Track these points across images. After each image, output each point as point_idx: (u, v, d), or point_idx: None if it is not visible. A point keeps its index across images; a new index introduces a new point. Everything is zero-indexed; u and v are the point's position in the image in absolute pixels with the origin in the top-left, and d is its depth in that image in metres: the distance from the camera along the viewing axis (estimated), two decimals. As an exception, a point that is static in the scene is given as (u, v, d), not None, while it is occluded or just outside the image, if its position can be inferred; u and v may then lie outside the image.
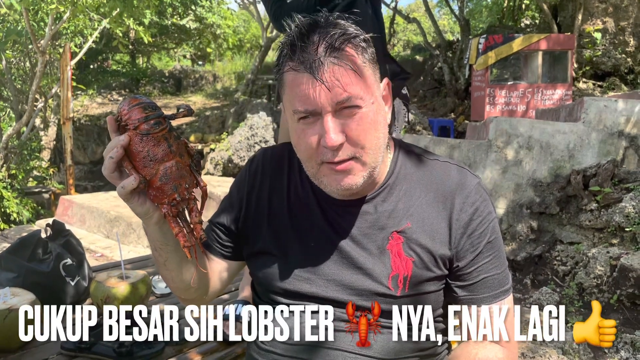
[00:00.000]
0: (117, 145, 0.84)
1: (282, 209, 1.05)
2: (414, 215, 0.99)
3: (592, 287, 3.78)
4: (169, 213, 0.88)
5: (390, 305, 0.97)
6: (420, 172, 1.03)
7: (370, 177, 0.96)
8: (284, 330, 1.01)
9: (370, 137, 0.91)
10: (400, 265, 0.97)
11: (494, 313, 0.99)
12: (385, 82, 0.97)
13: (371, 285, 0.97)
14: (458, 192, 1.00)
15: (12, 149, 8.30)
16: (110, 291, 1.90)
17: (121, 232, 5.41)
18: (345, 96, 0.88)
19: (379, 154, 0.94)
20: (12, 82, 9.18)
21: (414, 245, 0.98)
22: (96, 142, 13.47)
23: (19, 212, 7.02)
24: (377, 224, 0.99)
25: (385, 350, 0.97)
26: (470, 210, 0.99)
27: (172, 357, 1.69)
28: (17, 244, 2.00)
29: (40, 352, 1.70)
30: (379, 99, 0.94)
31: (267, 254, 1.05)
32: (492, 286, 0.99)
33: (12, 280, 1.88)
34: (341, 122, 0.90)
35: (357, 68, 0.89)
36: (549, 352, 2.66)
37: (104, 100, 15.02)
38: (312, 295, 1.00)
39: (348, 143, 0.90)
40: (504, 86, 8.86)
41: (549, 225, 4.44)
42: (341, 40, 0.88)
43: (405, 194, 1.01)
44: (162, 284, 2.32)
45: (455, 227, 0.98)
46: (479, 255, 0.99)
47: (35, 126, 9.77)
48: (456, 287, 1.00)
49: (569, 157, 4.48)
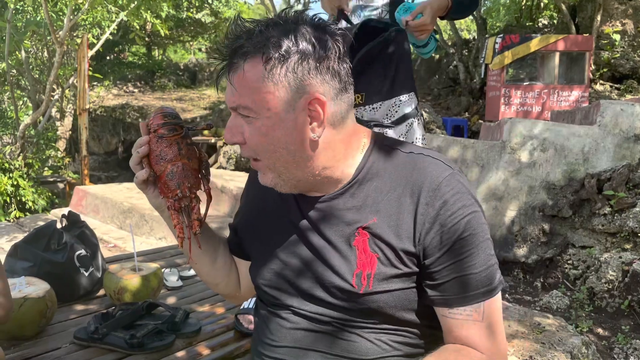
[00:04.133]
0: (142, 143, 1.03)
1: (269, 212, 1.09)
2: (381, 210, 0.95)
3: (603, 291, 3.75)
4: (172, 206, 1.02)
5: (356, 304, 0.95)
6: (392, 166, 0.98)
7: (287, 182, 0.97)
8: (271, 333, 1.04)
9: (263, 149, 0.93)
10: (365, 262, 0.94)
11: (470, 316, 0.93)
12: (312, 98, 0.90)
13: (338, 281, 0.96)
14: (425, 186, 0.93)
15: (28, 139, 8.41)
16: (123, 283, 1.93)
17: (134, 223, 5.46)
18: (234, 104, 0.92)
19: (282, 165, 0.94)
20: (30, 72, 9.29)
21: (378, 241, 0.94)
22: (111, 133, 13.58)
23: (35, 200, 7.11)
24: (344, 220, 0.97)
25: (363, 351, 0.96)
26: (438, 204, 0.92)
27: (182, 349, 1.72)
28: (33, 234, 2.04)
29: (53, 340, 1.73)
30: (284, 115, 0.90)
31: (254, 258, 1.12)
32: (466, 287, 0.92)
33: (28, 270, 1.92)
34: (243, 123, 0.93)
35: (246, 83, 0.89)
36: (557, 355, 2.65)
37: (120, 92, 15.14)
38: (292, 293, 1.02)
39: (247, 145, 0.94)
40: (519, 86, 8.78)
41: (561, 228, 4.41)
42: (243, 52, 0.89)
43: (375, 189, 0.97)
44: (173, 277, 2.35)
45: (421, 222, 0.92)
46: (448, 252, 0.92)
47: (51, 116, 9.88)
48: (426, 286, 0.95)
49: (583, 161, 4.44)
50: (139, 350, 1.67)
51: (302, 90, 0.89)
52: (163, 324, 1.77)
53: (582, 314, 3.65)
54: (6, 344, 1.61)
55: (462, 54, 11.54)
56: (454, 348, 0.95)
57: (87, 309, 1.98)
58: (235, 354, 1.73)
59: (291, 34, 0.89)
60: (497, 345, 0.94)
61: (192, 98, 14.87)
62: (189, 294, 2.21)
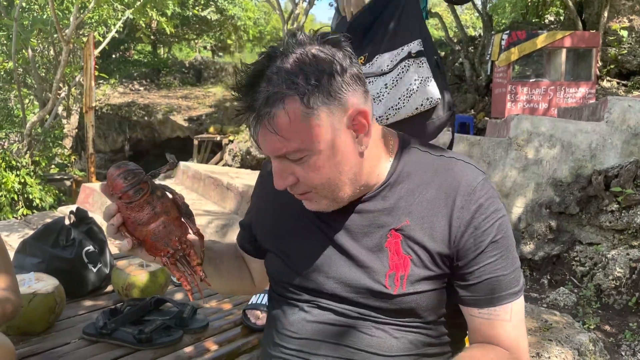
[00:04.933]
0: (112, 212, 0.94)
1: (286, 208, 1.07)
2: (414, 212, 0.96)
3: (610, 288, 3.74)
4: (167, 263, 0.97)
5: (387, 304, 0.96)
6: (423, 169, 0.99)
7: (337, 201, 0.95)
8: (291, 324, 1.03)
9: (320, 181, 0.91)
10: (398, 263, 0.95)
11: (499, 316, 0.95)
12: (356, 113, 0.89)
13: (368, 282, 0.96)
14: (461, 189, 0.95)
15: (35, 136, 8.45)
16: (131, 279, 1.94)
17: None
18: (281, 152, 0.88)
19: (340, 189, 0.93)
20: (36, 70, 9.33)
21: (412, 243, 0.95)
22: (117, 131, 13.63)
23: (42, 198, 7.15)
24: (376, 222, 0.97)
25: (386, 347, 0.97)
26: (473, 208, 0.94)
27: (190, 345, 1.72)
28: (41, 230, 2.05)
29: (62, 336, 1.74)
30: (335, 142, 0.89)
31: (272, 252, 1.09)
32: (497, 288, 0.95)
33: (37, 266, 1.93)
34: (290, 164, 0.90)
35: (291, 127, 0.85)
36: (564, 352, 2.64)
37: (126, 90, 15.18)
38: (316, 290, 1.01)
39: (300, 183, 0.92)
40: (526, 83, 8.74)
41: (569, 225, 4.40)
42: (275, 98, 0.84)
43: (406, 192, 0.98)
44: (180, 273, 2.35)
45: (456, 225, 0.94)
46: (482, 254, 0.94)
47: (58, 114, 9.92)
48: (458, 287, 0.97)
49: (590, 157, 4.42)
50: (147, 345, 1.68)
51: (342, 109, 0.88)
52: (171, 320, 1.78)
53: (589, 311, 3.64)
54: (16, 339, 1.61)
55: (467, 51, 11.50)
56: (484, 347, 0.96)
57: (95, 304, 2.00)
58: (243, 349, 1.73)
59: (308, 60, 0.86)
60: (522, 344, 0.97)
61: (197, 96, 14.90)
62: (196, 290, 2.22)
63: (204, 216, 5.42)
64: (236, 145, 10.07)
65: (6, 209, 6.88)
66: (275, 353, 1.05)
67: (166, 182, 7.63)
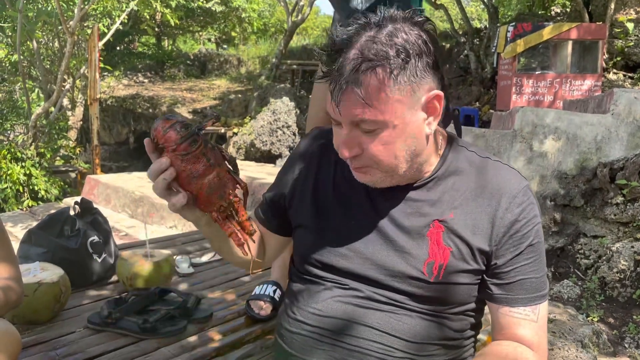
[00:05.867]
0: (164, 166, 0.89)
1: (328, 186, 1.08)
2: (458, 208, 1.00)
3: (614, 281, 3.73)
4: (219, 218, 0.95)
5: (422, 290, 0.99)
6: (470, 168, 1.03)
7: (393, 178, 0.97)
8: (316, 302, 1.04)
9: (387, 157, 0.93)
10: (437, 253, 0.98)
11: (528, 316, 1.00)
12: (433, 96, 0.92)
13: (406, 268, 0.99)
14: (505, 192, 1.00)
15: (40, 128, 8.47)
16: (135, 269, 1.95)
17: (145, 212, 5.50)
18: (358, 119, 0.90)
19: (399, 168, 0.95)
20: (41, 62, 9.34)
21: (453, 236, 0.99)
22: (121, 124, 13.64)
23: (47, 189, 7.17)
24: (420, 211, 1.01)
25: (411, 333, 0.99)
26: (517, 211, 0.99)
27: (194, 334, 1.73)
28: (46, 220, 2.06)
29: (67, 325, 1.76)
30: (409, 119, 0.91)
31: (307, 228, 1.09)
32: (529, 289, 1.00)
33: (42, 255, 1.94)
34: (359, 135, 0.92)
35: (376, 97, 0.88)
36: (567, 344, 2.64)
37: (130, 82, 15.18)
38: (347, 271, 1.03)
39: (364, 155, 0.93)
40: (531, 75, 8.69)
41: (573, 218, 4.39)
42: (367, 66, 0.87)
43: (452, 187, 1.01)
44: (184, 264, 2.37)
45: (499, 225, 0.98)
46: (519, 255, 0.99)
47: (62, 106, 9.94)
48: (492, 284, 1.01)
49: (596, 150, 4.40)
50: (151, 335, 1.69)
51: (422, 90, 0.91)
52: (175, 310, 1.79)
53: (593, 304, 3.64)
54: (21, 328, 1.63)
55: (473, 43, 11.43)
56: (511, 344, 0.99)
57: (100, 294, 2.01)
58: (247, 339, 1.74)
59: (400, 37, 0.88)
60: (544, 344, 1.01)
61: (202, 88, 14.88)
62: (200, 280, 2.23)
63: (208, 208, 5.43)
64: (240, 137, 10.05)
65: (11, 200, 6.91)
66: (296, 329, 1.06)
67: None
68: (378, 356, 0.99)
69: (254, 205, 5.61)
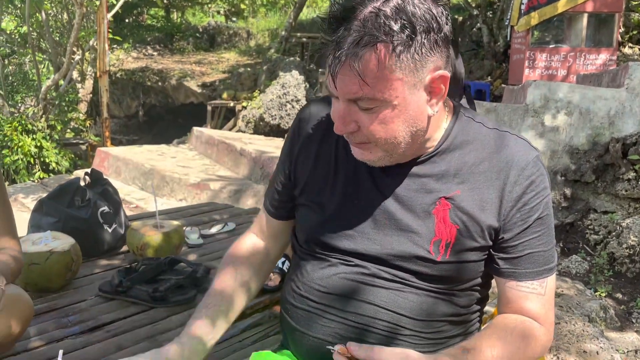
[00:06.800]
0: None
1: (329, 164, 1.04)
2: (465, 183, 0.96)
3: (623, 257, 3.72)
4: None
5: (429, 269, 0.97)
6: (476, 140, 0.99)
7: (392, 157, 0.94)
8: (320, 279, 1.02)
9: (385, 135, 0.89)
10: (444, 231, 0.95)
11: (535, 289, 0.98)
12: (438, 76, 0.88)
13: (412, 247, 0.96)
14: (514, 164, 0.95)
15: (50, 101, 8.50)
16: (146, 239, 1.97)
17: (155, 184, 5.53)
18: (354, 96, 0.86)
19: (399, 147, 0.91)
20: (50, 34, 9.30)
21: (460, 213, 0.95)
22: (131, 97, 13.63)
23: (58, 162, 7.23)
24: (425, 188, 0.97)
25: (417, 310, 0.98)
26: (525, 183, 0.95)
27: (204, 303, 1.75)
28: (57, 190, 2.08)
29: (79, 293, 1.78)
30: (410, 99, 0.87)
31: (309, 206, 1.06)
32: (537, 262, 0.97)
33: (53, 225, 1.96)
34: (356, 111, 0.88)
35: (374, 75, 0.83)
36: (574, 318, 2.65)
37: (139, 55, 15.12)
38: (351, 251, 1.00)
39: (360, 132, 0.90)
40: (545, 49, 8.53)
41: (583, 193, 4.36)
42: (368, 41, 0.81)
43: (458, 161, 0.97)
44: (194, 235, 2.39)
45: (507, 199, 0.95)
46: (528, 229, 0.96)
47: (72, 79, 9.93)
48: (499, 259, 0.98)
49: (608, 124, 4.34)
50: (161, 303, 1.71)
51: (426, 69, 0.86)
52: (185, 279, 1.81)
53: (602, 279, 3.64)
54: (34, 296, 1.66)
55: (486, 16, 11.22)
56: (517, 317, 0.98)
57: (110, 264, 2.03)
58: (255, 309, 1.76)
59: (408, 10, 0.82)
60: (550, 318, 1.00)
61: (210, 62, 14.79)
62: (209, 251, 2.25)
63: (217, 181, 5.45)
64: (249, 111, 10.02)
65: (23, 172, 6.98)
66: (300, 305, 1.05)
67: (179, 147, 7.67)
68: (383, 333, 0.98)
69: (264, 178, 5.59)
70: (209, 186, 5.25)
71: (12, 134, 7.06)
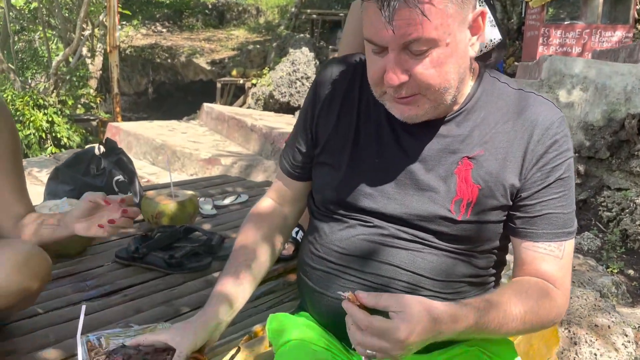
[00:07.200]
0: None
1: (350, 123, 1.03)
2: (489, 143, 0.96)
3: (636, 234, 3.69)
4: None
5: (449, 229, 0.96)
6: (501, 100, 0.98)
7: (437, 109, 0.93)
8: (339, 240, 1.02)
9: (438, 80, 0.87)
10: (465, 191, 0.95)
11: (552, 252, 0.96)
12: (479, 13, 0.89)
13: (433, 207, 0.96)
14: (539, 123, 0.95)
15: (61, 76, 8.50)
16: (161, 207, 1.97)
17: (166, 159, 5.54)
18: (411, 38, 0.84)
19: (448, 93, 0.91)
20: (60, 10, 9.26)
21: (483, 173, 0.95)
22: (140, 74, 13.61)
23: (70, 137, 7.26)
24: (448, 148, 0.97)
25: (437, 271, 0.98)
26: (549, 142, 0.95)
27: (219, 270, 1.76)
28: (72, 158, 2.09)
29: (95, 259, 1.80)
30: (458, 37, 0.87)
31: (329, 165, 1.05)
32: (555, 224, 0.96)
33: (69, 193, 1.98)
34: (407, 60, 0.86)
35: (432, 10, 0.82)
36: (586, 294, 2.65)
37: (148, 32, 15.05)
38: (370, 210, 1.00)
39: (412, 81, 0.88)
40: (559, 26, 8.39)
41: (597, 170, 4.31)
42: None
43: (482, 120, 0.97)
44: (207, 206, 2.39)
45: (529, 158, 0.95)
46: (547, 188, 0.95)
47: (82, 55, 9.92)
48: (516, 218, 0.98)
49: (625, 100, 4.28)
50: (177, 270, 1.73)
51: (470, 5, 0.87)
52: (200, 247, 1.82)
53: (614, 256, 3.62)
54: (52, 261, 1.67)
55: (499, -8, 11.03)
56: (532, 278, 0.97)
57: (126, 232, 2.04)
58: (269, 277, 1.77)
59: None
60: (567, 283, 0.99)
61: (220, 39, 14.70)
62: (223, 221, 2.26)
63: (228, 157, 5.45)
64: (259, 89, 9.97)
65: (35, 146, 7.02)
66: (318, 266, 1.05)
67: (190, 123, 7.66)
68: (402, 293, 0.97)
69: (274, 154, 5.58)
70: (220, 161, 5.26)
71: (24, 109, 7.08)
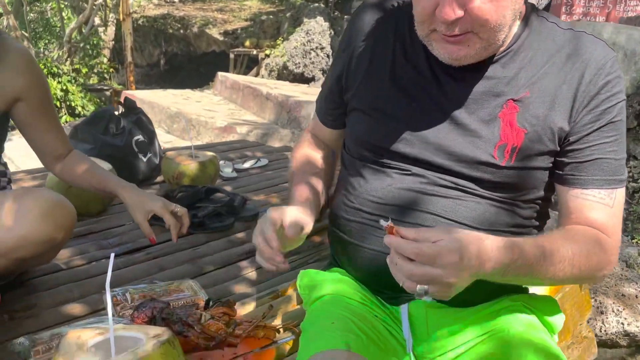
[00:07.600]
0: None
1: (384, 68, 0.98)
2: (536, 84, 0.90)
3: (663, 205, 3.61)
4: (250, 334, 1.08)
5: (492, 176, 0.91)
6: (549, 39, 0.92)
7: (487, 49, 0.87)
8: (375, 190, 0.98)
9: (495, 15, 0.82)
10: (510, 135, 0.90)
11: (603, 199, 0.90)
12: None
13: (475, 152, 0.91)
14: (591, 63, 0.89)
15: (74, 44, 8.44)
16: (181, 168, 1.93)
17: (181, 128, 5.50)
18: None
19: (502, 32, 0.85)
20: (72, -23, 9.16)
21: (529, 116, 0.90)
22: (153, 45, 13.50)
23: (84, 106, 7.23)
24: (493, 90, 0.91)
25: (479, 220, 0.93)
26: (601, 83, 0.89)
27: (242, 231, 1.73)
28: (91, 117, 2.04)
29: (117, 218, 1.77)
30: None
31: (363, 110, 1.01)
32: (606, 170, 0.90)
33: (88, 152, 1.93)
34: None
35: None
36: (613, 263, 2.58)
37: (160, 2, 14.88)
38: (408, 156, 0.95)
39: (467, 17, 0.82)
40: (583, -6, 8.14)
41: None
42: None
43: (530, 61, 0.91)
44: (228, 169, 2.35)
45: (580, 98, 0.89)
46: (598, 131, 0.89)
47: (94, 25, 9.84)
48: (564, 164, 0.92)
49: (655, 68, 4.14)
50: (200, 229, 1.69)
51: None
52: (222, 207, 1.78)
53: (639, 227, 3.54)
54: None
55: (520, -40, 10.73)
56: (580, 227, 0.91)
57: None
58: (294, 238, 1.72)
59: None
60: (618, 233, 0.93)
61: (232, 9, 14.51)
62: (244, 184, 2.21)
63: (243, 125, 5.39)
64: (272, 59, 9.84)
65: (50, 115, 7.00)
66: (353, 217, 1.00)
67: (204, 92, 7.59)
68: None
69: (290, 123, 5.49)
70: (236, 129, 5.20)
71: (38, 77, 7.04)
